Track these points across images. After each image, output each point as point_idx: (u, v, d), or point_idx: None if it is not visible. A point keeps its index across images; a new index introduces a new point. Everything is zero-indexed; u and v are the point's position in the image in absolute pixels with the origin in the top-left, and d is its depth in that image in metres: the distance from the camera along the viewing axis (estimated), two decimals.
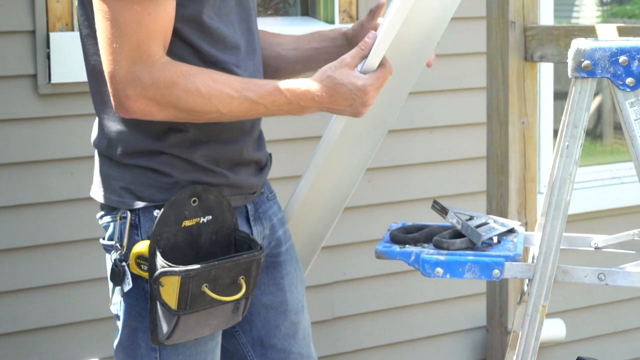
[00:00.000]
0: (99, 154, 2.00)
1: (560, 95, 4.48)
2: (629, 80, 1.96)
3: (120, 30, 1.79)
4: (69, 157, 3.50)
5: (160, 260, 1.85)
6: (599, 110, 5.61)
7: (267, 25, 3.18)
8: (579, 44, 1.98)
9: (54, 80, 3.46)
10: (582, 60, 1.96)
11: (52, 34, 3.46)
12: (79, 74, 3.50)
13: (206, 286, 1.85)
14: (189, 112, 1.84)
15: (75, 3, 1.92)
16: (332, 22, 4.06)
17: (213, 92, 1.83)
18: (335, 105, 1.89)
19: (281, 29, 2.93)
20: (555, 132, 4.51)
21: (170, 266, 1.84)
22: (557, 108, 4.40)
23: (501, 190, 3.31)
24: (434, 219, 2.37)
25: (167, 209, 1.89)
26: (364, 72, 1.89)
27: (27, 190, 3.42)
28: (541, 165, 4.11)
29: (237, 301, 1.92)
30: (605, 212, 4.44)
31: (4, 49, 3.41)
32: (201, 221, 1.92)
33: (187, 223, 1.91)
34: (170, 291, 1.84)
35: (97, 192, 2.01)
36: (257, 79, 1.91)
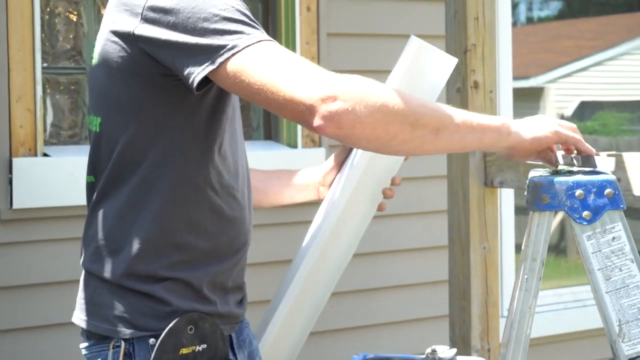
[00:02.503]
0: (91, 275, 1.96)
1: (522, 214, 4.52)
2: (585, 213, 1.97)
3: (299, 61, 1.78)
4: (31, 284, 3.47)
5: None
6: (562, 225, 5.67)
7: None
8: (536, 177, 2.00)
9: (15, 206, 3.45)
10: (540, 193, 1.98)
11: (15, 159, 3.46)
12: (42, 200, 3.51)
13: None
14: (392, 105, 1.77)
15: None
16: (295, 146, 4.09)
17: (412, 99, 1.81)
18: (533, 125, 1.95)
19: None
20: (517, 260, 4.54)
21: None
22: (519, 230, 4.43)
23: (464, 315, 3.30)
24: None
25: (166, 337, 1.88)
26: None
27: None
28: (503, 290, 4.13)
29: None
30: (568, 336, 4.44)
31: None
32: (197, 349, 1.92)
33: (184, 351, 1.90)
34: None
35: (82, 319, 1.97)
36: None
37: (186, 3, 1.81)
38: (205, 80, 1.80)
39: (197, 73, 1.79)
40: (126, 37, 1.88)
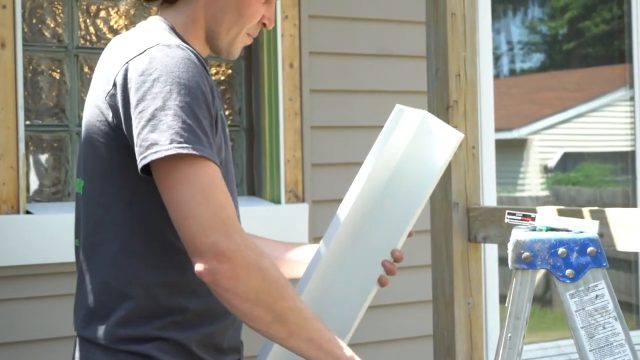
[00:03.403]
0: (84, 340, 1.95)
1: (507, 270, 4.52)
2: (568, 271, 1.98)
3: (202, 194, 1.77)
4: (13, 342, 3.45)
5: None
6: (548, 275, 5.66)
7: None
8: (519, 235, 2.00)
9: None
10: (522, 251, 1.98)
11: None
12: (25, 257, 3.49)
13: None
14: (271, 293, 1.82)
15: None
16: (279, 201, 4.10)
17: (289, 293, 1.85)
18: None
19: None
20: (502, 313, 4.53)
21: None
22: (504, 282, 4.42)
23: None
24: None
25: None
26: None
27: None
28: (488, 345, 4.11)
29: None
30: None
31: None
32: None
33: None
34: None
35: None
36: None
37: (157, 89, 1.81)
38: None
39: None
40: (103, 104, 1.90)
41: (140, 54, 1.85)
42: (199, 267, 1.77)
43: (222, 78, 4.25)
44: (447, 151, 2.16)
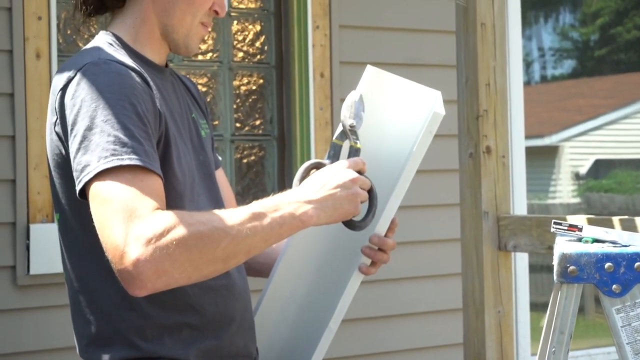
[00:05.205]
0: None
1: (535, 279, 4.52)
2: (615, 286, 1.94)
3: (112, 203, 1.74)
4: (46, 349, 3.49)
5: None
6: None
7: None
8: (564, 247, 1.97)
9: (32, 271, 3.48)
10: (568, 265, 1.94)
11: (32, 226, 3.50)
12: (59, 265, 3.53)
13: None
14: (200, 248, 1.73)
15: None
16: None
17: (213, 217, 1.78)
18: (324, 191, 1.87)
19: None
20: (532, 321, 4.53)
21: None
22: (532, 293, 4.42)
23: None
24: None
25: None
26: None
27: None
28: (519, 354, 4.11)
29: None
30: None
31: None
32: None
33: None
34: None
35: None
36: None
37: (84, 109, 1.81)
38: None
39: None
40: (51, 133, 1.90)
41: (73, 77, 1.85)
42: (130, 286, 1.72)
43: (254, 88, 4.28)
44: (426, 120, 1.98)
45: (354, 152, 1.98)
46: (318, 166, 1.97)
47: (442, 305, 4.16)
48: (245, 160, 4.26)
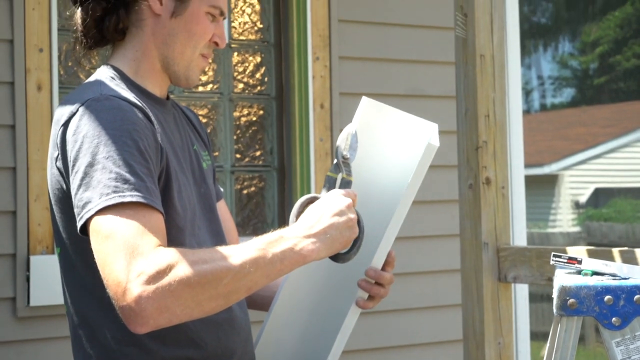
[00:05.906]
0: None
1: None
2: (614, 319, 1.94)
3: (114, 240, 1.73)
4: None
5: None
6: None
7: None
8: (564, 280, 1.97)
9: (32, 303, 3.48)
10: (568, 298, 1.94)
11: (32, 257, 3.50)
12: (59, 297, 3.53)
13: None
14: (204, 285, 1.72)
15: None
16: None
17: (215, 254, 1.77)
18: (322, 223, 1.87)
19: None
20: (533, 350, 4.52)
21: None
22: (532, 323, 4.42)
23: None
24: None
25: None
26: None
27: None
28: None
29: None
30: None
31: None
32: None
33: None
34: None
35: None
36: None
37: (86, 145, 1.81)
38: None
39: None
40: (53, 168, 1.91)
41: (75, 113, 1.85)
42: (132, 322, 1.71)
43: (254, 119, 4.29)
44: (420, 152, 1.97)
45: (345, 184, 1.99)
46: (313, 200, 1.97)
47: (443, 337, 4.15)
48: (245, 191, 4.27)
